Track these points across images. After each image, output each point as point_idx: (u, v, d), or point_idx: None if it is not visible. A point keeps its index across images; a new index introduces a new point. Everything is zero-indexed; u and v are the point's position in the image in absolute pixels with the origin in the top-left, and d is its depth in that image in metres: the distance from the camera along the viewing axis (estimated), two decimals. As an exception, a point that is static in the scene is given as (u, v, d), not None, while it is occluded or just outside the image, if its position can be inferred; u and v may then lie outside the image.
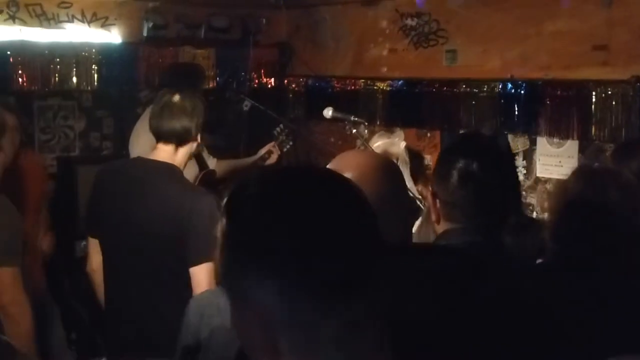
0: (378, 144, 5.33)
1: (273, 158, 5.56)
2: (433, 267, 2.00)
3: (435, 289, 1.93)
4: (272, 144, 5.59)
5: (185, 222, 3.52)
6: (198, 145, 3.95)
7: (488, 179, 2.33)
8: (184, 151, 3.82)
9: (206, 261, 3.43)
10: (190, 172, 4.42)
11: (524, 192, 5.24)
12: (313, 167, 1.38)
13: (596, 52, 4.75)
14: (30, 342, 3.66)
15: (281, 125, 5.68)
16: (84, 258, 4.11)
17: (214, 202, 3.45)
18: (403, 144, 5.52)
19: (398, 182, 2.24)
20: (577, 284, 2.43)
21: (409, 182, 5.09)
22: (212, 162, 5.32)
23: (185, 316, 2.95)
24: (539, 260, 2.97)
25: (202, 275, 3.46)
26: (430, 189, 2.46)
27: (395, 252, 1.98)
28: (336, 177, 1.36)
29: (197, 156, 4.76)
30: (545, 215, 4.70)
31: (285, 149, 5.66)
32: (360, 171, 2.13)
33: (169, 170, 3.76)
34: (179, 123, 3.72)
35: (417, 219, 2.88)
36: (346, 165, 2.17)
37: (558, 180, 3.13)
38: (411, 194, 4.42)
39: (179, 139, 3.75)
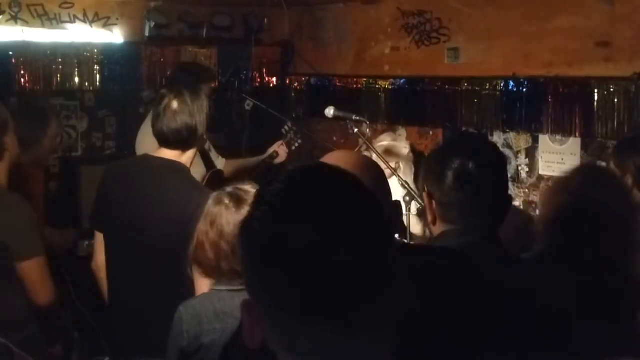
0: (382, 143, 5.33)
1: (282, 157, 5.53)
2: (429, 265, 1.99)
3: (431, 287, 1.93)
4: (280, 142, 5.57)
5: (190, 221, 3.51)
6: (204, 141, 3.93)
7: (484, 180, 2.32)
8: (190, 152, 3.81)
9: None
10: (198, 172, 4.41)
11: (526, 190, 5.23)
12: (334, 178, 1.31)
13: (599, 48, 4.73)
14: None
15: (289, 124, 5.65)
16: (87, 258, 4.12)
17: None
18: (407, 143, 5.53)
19: (380, 180, 2.24)
20: (566, 277, 2.45)
21: (411, 181, 5.09)
22: (220, 162, 5.30)
23: (180, 323, 2.95)
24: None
25: None
26: (426, 189, 2.46)
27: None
28: (356, 189, 1.29)
29: (204, 156, 4.75)
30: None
31: (293, 148, 5.63)
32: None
33: (176, 168, 3.75)
34: (183, 125, 3.70)
35: (401, 217, 2.87)
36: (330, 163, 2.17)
37: (556, 177, 3.14)
38: (413, 193, 4.42)
39: (185, 144, 3.74)
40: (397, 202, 2.30)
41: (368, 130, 4.93)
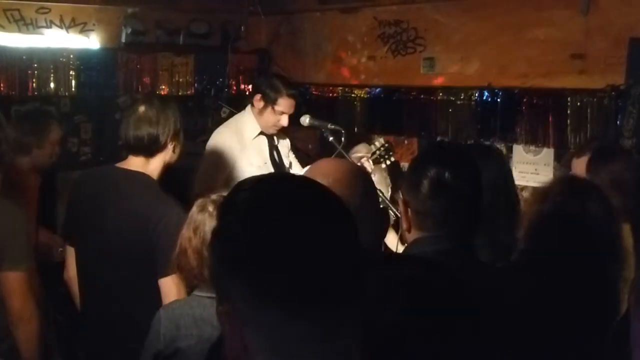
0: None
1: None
2: (404, 276, 2.01)
3: (406, 297, 1.94)
4: (365, 156, 5.13)
5: (154, 232, 3.50)
6: (173, 155, 3.91)
7: (459, 189, 2.35)
8: (156, 161, 3.79)
9: (173, 272, 3.33)
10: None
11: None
12: (298, 181, 1.41)
13: (573, 60, 4.78)
14: (37, 345, 3.66)
15: (381, 140, 5.30)
16: (61, 264, 4.10)
17: (183, 213, 3.36)
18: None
19: (369, 188, 2.25)
20: (536, 281, 2.48)
21: (387, 190, 5.10)
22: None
23: (158, 325, 2.94)
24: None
25: (170, 286, 3.43)
26: (402, 197, 2.48)
27: (370, 261, 2.00)
28: (321, 190, 1.36)
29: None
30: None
31: (384, 165, 5.28)
32: (334, 177, 2.14)
33: (142, 179, 3.74)
34: (145, 133, 3.69)
35: (389, 225, 2.89)
36: (319, 171, 2.19)
37: (537, 186, 3.18)
38: (388, 202, 4.43)
39: (147, 150, 3.73)
40: (385, 210, 2.32)
41: (343, 138, 4.89)
